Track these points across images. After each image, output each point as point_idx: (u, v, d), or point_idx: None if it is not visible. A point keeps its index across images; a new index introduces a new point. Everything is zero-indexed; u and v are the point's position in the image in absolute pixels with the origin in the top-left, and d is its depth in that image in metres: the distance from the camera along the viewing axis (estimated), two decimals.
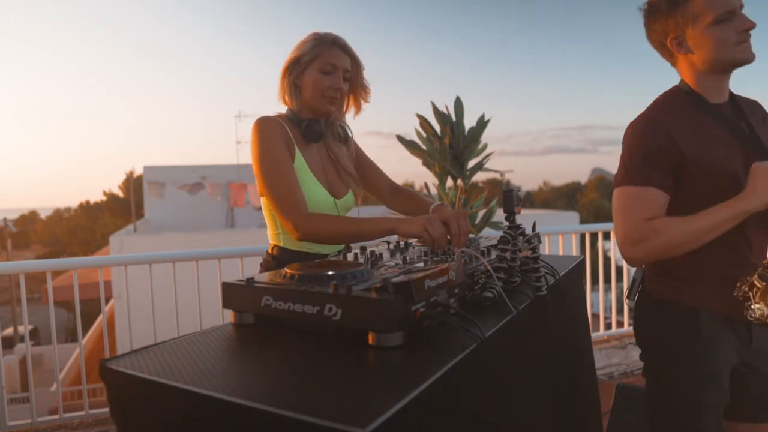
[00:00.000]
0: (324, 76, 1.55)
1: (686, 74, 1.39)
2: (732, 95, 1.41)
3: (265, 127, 1.51)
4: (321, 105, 1.58)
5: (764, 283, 1.25)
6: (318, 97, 1.56)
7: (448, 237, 1.36)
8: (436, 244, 1.30)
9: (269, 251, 1.62)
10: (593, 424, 1.83)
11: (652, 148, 1.31)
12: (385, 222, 1.41)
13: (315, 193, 1.56)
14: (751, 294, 1.26)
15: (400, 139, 3.46)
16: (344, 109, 1.71)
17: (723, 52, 1.30)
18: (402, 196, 1.79)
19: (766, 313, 1.24)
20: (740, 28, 1.28)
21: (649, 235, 1.27)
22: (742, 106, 1.39)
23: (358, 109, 1.72)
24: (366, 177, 1.79)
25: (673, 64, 1.42)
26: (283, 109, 1.63)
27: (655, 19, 1.37)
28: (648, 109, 1.40)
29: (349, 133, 1.75)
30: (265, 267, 1.61)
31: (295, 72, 1.57)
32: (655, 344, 1.45)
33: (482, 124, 3.44)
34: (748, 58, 1.31)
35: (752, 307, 1.25)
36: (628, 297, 1.53)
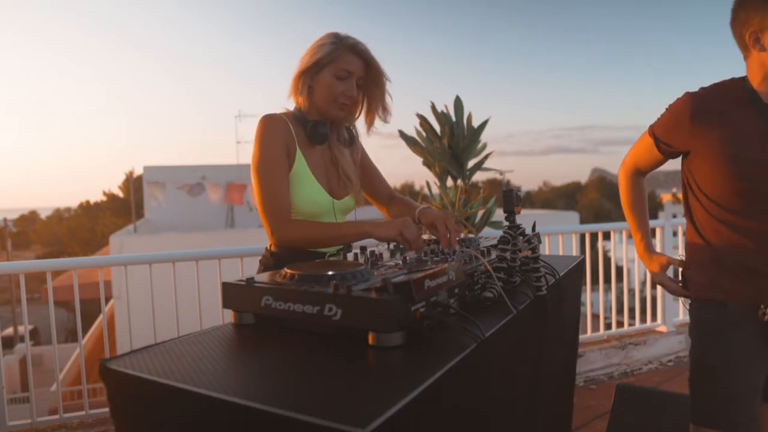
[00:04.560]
0: (338, 81, 1.55)
1: (753, 71, 1.40)
2: None
3: (267, 126, 1.52)
4: (331, 110, 1.59)
5: None
6: (330, 102, 1.57)
7: (433, 238, 1.37)
8: (412, 246, 1.33)
9: (268, 248, 1.62)
10: (567, 419, 1.89)
11: (676, 122, 1.47)
12: (360, 226, 1.44)
13: (313, 193, 1.56)
14: None
15: (402, 134, 3.45)
16: (356, 114, 1.68)
17: None
18: (397, 204, 1.80)
19: None
20: None
21: (622, 176, 1.68)
22: None
23: (371, 124, 1.68)
24: (368, 181, 1.80)
25: (745, 57, 1.43)
26: (290, 105, 1.63)
27: (745, 8, 1.37)
28: (706, 87, 1.45)
29: (356, 137, 1.74)
30: (264, 264, 1.61)
31: (311, 73, 1.56)
32: (693, 336, 1.53)
33: (482, 124, 3.44)
34: None
35: None
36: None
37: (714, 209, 1.43)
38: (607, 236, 4.71)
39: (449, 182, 3.42)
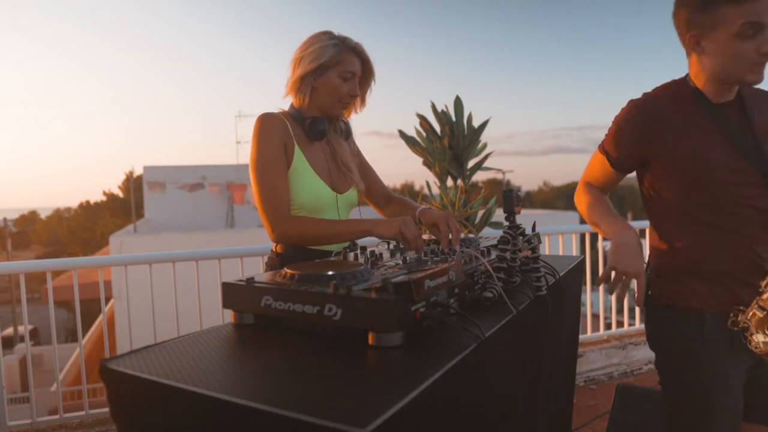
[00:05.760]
0: (343, 82, 1.58)
1: (696, 72, 1.36)
2: (741, 92, 1.36)
3: (264, 125, 1.53)
4: (335, 109, 1.62)
5: (764, 312, 1.24)
6: (335, 102, 1.60)
7: (433, 238, 1.38)
8: (411, 245, 1.34)
9: (274, 249, 1.62)
10: (567, 419, 1.89)
11: (626, 133, 1.42)
12: (361, 224, 1.45)
13: (316, 189, 1.57)
14: (749, 323, 1.27)
15: (402, 134, 3.45)
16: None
17: (735, 68, 1.27)
18: (395, 204, 1.79)
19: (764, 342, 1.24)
20: (762, 50, 1.22)
21: (577, 192, 1.60)
22: (747, 105, 1.35)
23: (348, 115, 1.75)
24: (363, 181, 1.79)
25: (687, 55, 1.39)
26: (285, 105, 1.64)
27: (684, 8, 1.32)
28: (650, 93, 1.41)
29: (350, 128, 1.76)
30: (270, 265, 1.62)
31: (315, 75, 1.57)
32: (665, 348, 1.45)
33: (482, 124, 3.44)
34: (756, 81, 1.28)
35: (752, 337, 1.27)
36: (645, 303, 1.50)
37: (683, 214, 1.37)
38: None
39: (449, 182, 3.42)
